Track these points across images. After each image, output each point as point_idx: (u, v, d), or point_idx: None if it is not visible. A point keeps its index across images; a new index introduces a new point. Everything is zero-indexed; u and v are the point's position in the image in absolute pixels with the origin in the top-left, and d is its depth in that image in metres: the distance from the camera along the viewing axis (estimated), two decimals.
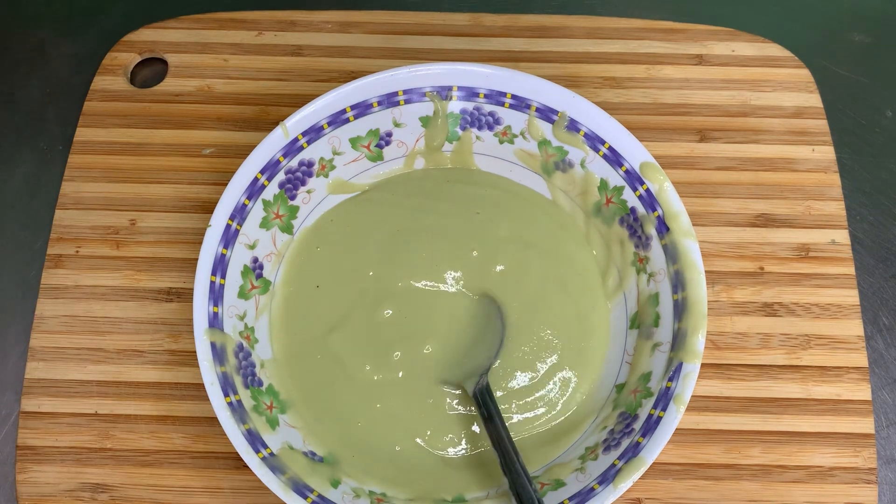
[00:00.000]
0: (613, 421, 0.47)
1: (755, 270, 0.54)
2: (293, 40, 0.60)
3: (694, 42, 0.60)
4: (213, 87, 0.59)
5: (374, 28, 0.61)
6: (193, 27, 0.61)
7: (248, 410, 0.45)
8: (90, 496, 0.48)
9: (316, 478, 0.44)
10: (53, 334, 0.52)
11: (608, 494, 0.43)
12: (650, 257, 0.49)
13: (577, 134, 0.51)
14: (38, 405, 0.50)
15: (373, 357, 0.49)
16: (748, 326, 0.52)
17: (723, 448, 0.49)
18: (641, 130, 0.56)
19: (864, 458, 0.49)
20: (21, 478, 0.48)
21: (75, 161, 0.56)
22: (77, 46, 0.62)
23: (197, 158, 0.57)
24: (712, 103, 0.58)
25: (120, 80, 0.59)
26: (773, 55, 0.60)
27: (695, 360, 0.45)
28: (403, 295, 0.50)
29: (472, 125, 0.53)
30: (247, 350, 0.48)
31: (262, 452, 0.44)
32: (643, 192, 0.49)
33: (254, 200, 0.49)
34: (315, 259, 0.52)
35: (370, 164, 0.53)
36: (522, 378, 0.49)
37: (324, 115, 0.50)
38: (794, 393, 0.50)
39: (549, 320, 0.50)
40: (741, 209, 0.55)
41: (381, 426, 0.48)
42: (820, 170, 0.56)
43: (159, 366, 0.51)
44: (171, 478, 0.48)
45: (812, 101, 0.59)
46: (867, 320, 0.53)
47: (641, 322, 0.49)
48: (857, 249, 0.55)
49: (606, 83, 0.59)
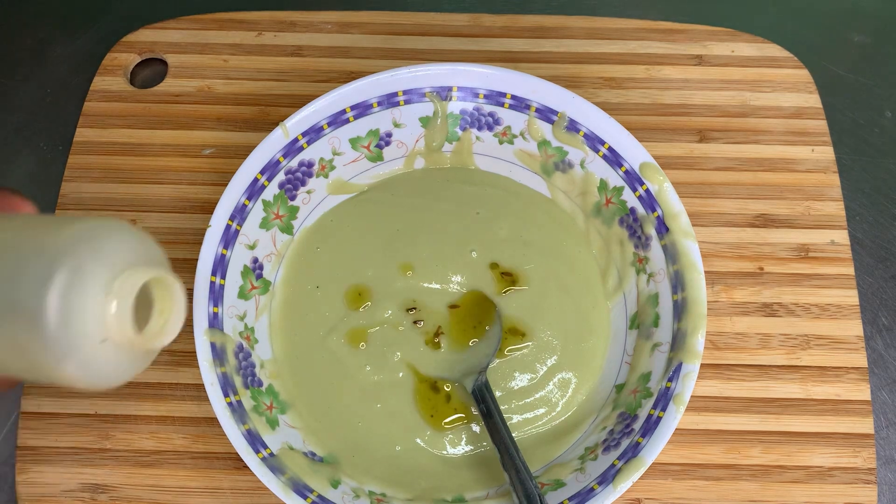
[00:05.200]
0: (613, 421, 0.47)
1: (755, 271, 0.54)
2: (293, 41, 0.61)
3: (694, 42, 0.60)
4: (213, 87, 0.59)
5: (374, 28, 0.61)
6: (193, 27, 0.61)
7: (247, 411, 0.45)
8: (90, 496, 0.48)
9: (316, 478, 0.44)
10: None
11: (608, 494, 0.43)
12: (650, 257, 0.49)
13: (577, 134, 0.51)
14: (38, 405, 0.50)
15: (373, 357, 0.49)
16: (748, 327, 0.52)
17: (722, 448, 0.49)
18: (641, 131, 0.56)
19: (863, 458, 0.49)
20: (21, 478, 0.48)
21: (75, 161, 0.56)
22: (77, 46, 0.62)
23: (197, 158, 0.57)
24: (712, 104, 0.58)
25: (120, 81, 0.59)
26: (773, 55, 0.60)
27: (694, 360, 0.45)
28: (403, 295, 0.50)
29: (472, 125, 0.53)
30: (247, 350, 0.48)
31: (261, 453, 0.44)
32: (643, 193, 0.49)
33: (254, 201, 0.49)
34: (315, 259, 0.52)
35: (370, 165, 0.53)
36: (522, 378, 0.49)
37: (324, 115, 0.50)
38: (794, 393, 0.50)
39: (548, 320, 0.50)
40: (741, 209, 0.55)
41: (381, 426, 0.48)
42: (819, 170, 0.56)
43: (159, 366, 0.51)
44: (171, 478, 0.48)
45: (811, 102, 0.59)
46: (866, 320, 0.53)
47: (641, 322, 0.49)
48: (856, 250, 0.55)
49: (606, 84, 0.59)
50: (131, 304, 0.34)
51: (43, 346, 0.32)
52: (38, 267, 0.32)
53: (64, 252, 0.32)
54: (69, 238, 0.33)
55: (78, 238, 0.33)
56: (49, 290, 0.31)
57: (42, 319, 0.32)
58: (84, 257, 0.33)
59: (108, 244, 0.34)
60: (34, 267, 0.32)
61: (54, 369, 0.33)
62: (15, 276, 0.32)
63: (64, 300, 0.32)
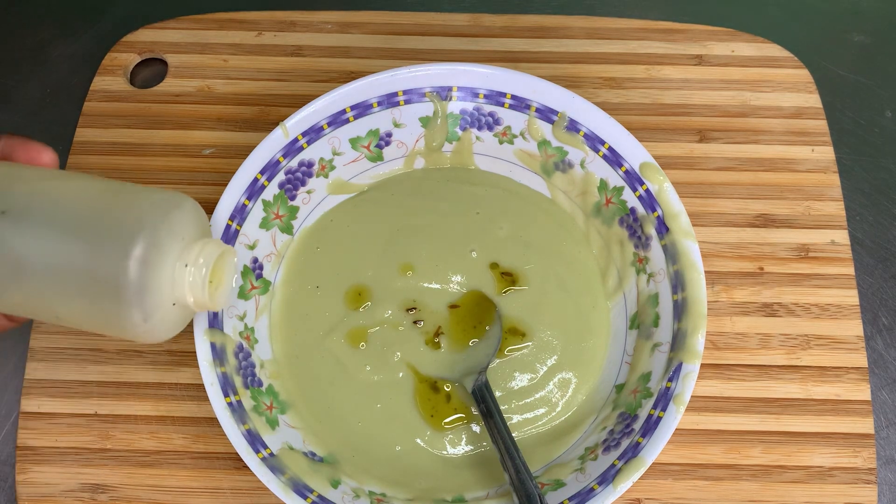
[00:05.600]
0: (613, 421, 0.47)
1: (755, 270, 0.54)
2: (293, 40, 0.61)
3: (694, 42, 0.60)
4: (213, 87, 0.59)
5: (374, 28, 0.61)
6: (193, 27, 0.61)
7: (247, 411, 0.45)
8: (90, 496, 0.48)
9: (316, 478, 0.44)
10: (53, 334, 0.52)
11: (608, 495, 0.43)
12: (650, 257, 0.49)
13: (577, 134, 0.51)
14: (38, 405, 0.50)
15: (373, 357, 0.49)
16: (748, 327, 0.52)
17: (722, 448, 0.49)
18: (641, 131, 0.56)
19: (863, 458, 0.49)
20: (21, 478, 0.48)
21: (75, 161, 0.56)
22: (77, 46, 0.62)
23: (197, 158, 0.57)
24: (712, 103, 0.58)
25: (120, 81, 0.59)
26: (773, 55, 0.60)
27: (694, 360, 0.45)
28: (403, 295, 0.50)
29: (472, 125, 0.53)
30: (247, 350, 0.48)
31: (261, 453, 0.44)
32: (643, 193, 0.49)
33: (254, 201, 0.49)
34: (315, 259, 0.52)
35: (370, 165, 0.53)
36: (522, 378, 0.49)
37: (324, 115, 0.50)
38: (794, 393, 0.50)
39: (548, 320, 0.50)
40: (741, 209, 0.55)
41: (381, 426, 0.48)
42: (819, 170, 0.56)
43: (159, 366, 0.51)
44: (171, 478, 0.48)
45: (811, 102, 0.59)
46: (867, 320, 0.53)
47: (641, 322, 0.49)
48: (856, 250, 0.55)
49: (606, 83, 0.59)
50: (207, 274, 0.39)
51: (121, 310, 0.36)
52: (119, 238, 0.36)
53: (142, 224, 0.36)
54: (145, 211, 0.37)
55: (153, 210, 0.37)
56: (130, 261, 0.36)
57: (124, 287, 0.36)
58: (160, 230, 0.37)
59: (178, 216, 0.38)
60: (115, 238, 0.36)
61: (126, 329, 0.37)
62: (97, 246, 0.36)
63: (143, 270, 0.36)
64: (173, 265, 0.38)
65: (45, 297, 0.37)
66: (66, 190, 0.38)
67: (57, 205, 0.37)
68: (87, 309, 0.37)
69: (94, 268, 0.36)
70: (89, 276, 0.36)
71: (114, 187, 0.39)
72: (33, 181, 0.38)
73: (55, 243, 0.36)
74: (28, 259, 0.36)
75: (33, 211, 0.37)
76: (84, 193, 0.38)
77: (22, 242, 0.36)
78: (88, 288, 0.36)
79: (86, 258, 0.36)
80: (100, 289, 0.36)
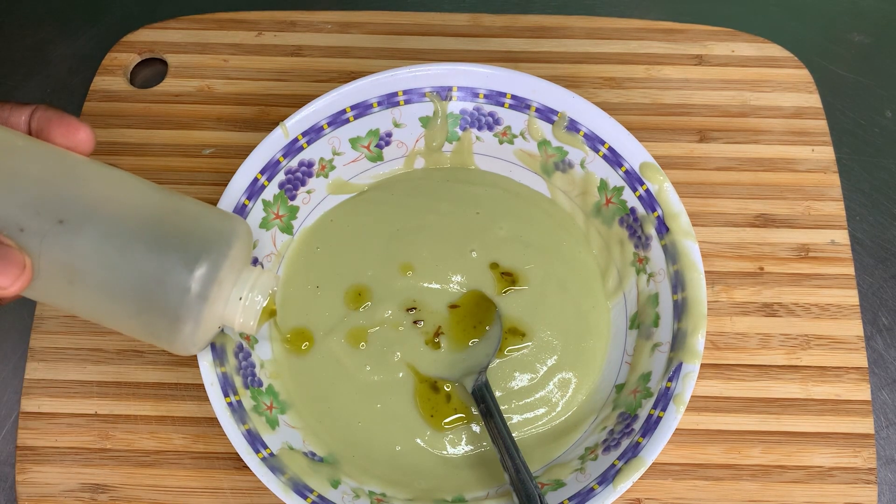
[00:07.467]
0: (613, 421, 0.47)
1: (755, 270, 0.54)
2: (293, 40, 0.61)
3: (694, 42, 0.60)
4: (213, 87, 0.59)
5: (374, 28, 0.61)
6: (193, 27, 0.61)
7: (247, 411, 0.45)
8: (90, 496, 0.48)
9: (316, 478, 0.44)
10: (53, 334, 0.52)
11: (608, 495, 0.43)
12: (650, 257, 0.49)
13: (577, 134, 0.51)
14: (38, 405, 0.50)
15: (373, 357, 0.49)
16: (748, 326, 0.52)
17: (722, 448, 0.49)
18: (641, 131, 0.56)
19: (863, 458, 0.49)
20: (21, 478, 0.48)
21: None
22: (77, 46, 0.62)
23: (197, 158, 0.57)
24: (712, 103, 0.58)
25: (120, 81, 0.59)
26: (773, 55, 0.60)
27: (694, 360, 0.45)
28: (403, 295, 0.50)
29: (472, 125, 0.53)
30: (247, 350, 0.48)
31: (261, 453, 0.44)
32: (643, 193, 0.49)
33: (254, 201, 0.49)
34: (315, 259, 0.52)
35: (370, 165, 0.53)
36: (522, 378, 0.49)
37: (324, 115, 0.50)
38: (794, 393, 0.51)
39: (548, 320, 0.50)
40: (741, 209, 0.55)
41: (381, 426, 0.48)
42: (819, 170, 0.56)
43: (159, 366, 0.51)
44: (171, 478, 0.48)
45: (811, 102, 0.59)
46: (866, 320, 0.53)
47: (641, 322, 0.49)
48: (856, 250, 0.55)
49: (606, 83, 0.59)
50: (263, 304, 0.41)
51: (173, 323, 0.38)
52: (184, 257, 0.38)
53: (208, 246, 0.38)
54: (209, 231, 0.39)
55: (217, 232, 0.39)
56: (193, 281, 0.37)
57: (185, 303, 0.38)
58: (225, 253, 0.39)
59: (239, 242, 0.40)
60: (179, 256, 0.38)
61: (171, 340, 0.39)
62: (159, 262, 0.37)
63: (206, 288, 0.38)
64: (230, 289, 0.40)
65: (92, 303, 0.39)
66: (125, 200, 0.39)
67: (116, 219, 0.38)
68: (133, 316, 0.39)
69: (156, 282, 0.37)
70: (147, 289, 0.37)
71: (173, 200, 0.40)
72: (90, 182, 0.39)
73: (114, 257, 0.37)
74: (84, 268, 0.37)
75: (93, 221, 0.37)
76: (143, 206, 0.39)
77: (80, 253, 0.37)
78: (143, 300, 0.38)
79: (146, 272, 0.37)
80: (156, 302, 0.38)
